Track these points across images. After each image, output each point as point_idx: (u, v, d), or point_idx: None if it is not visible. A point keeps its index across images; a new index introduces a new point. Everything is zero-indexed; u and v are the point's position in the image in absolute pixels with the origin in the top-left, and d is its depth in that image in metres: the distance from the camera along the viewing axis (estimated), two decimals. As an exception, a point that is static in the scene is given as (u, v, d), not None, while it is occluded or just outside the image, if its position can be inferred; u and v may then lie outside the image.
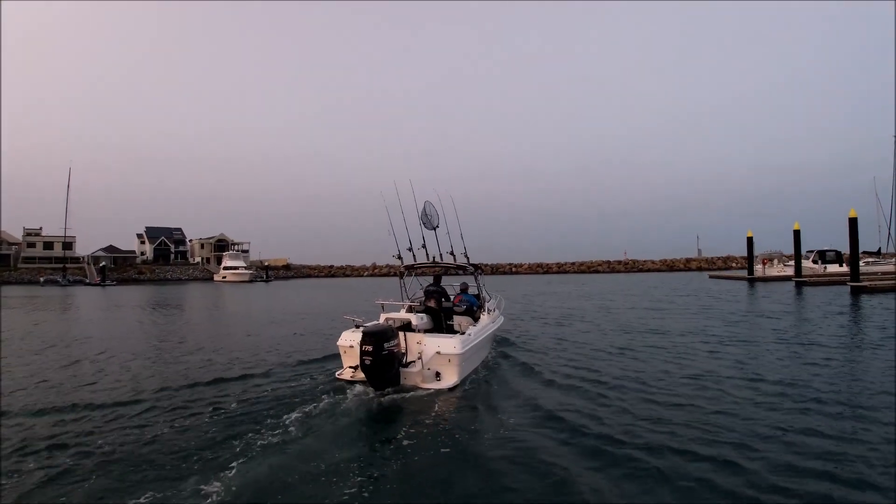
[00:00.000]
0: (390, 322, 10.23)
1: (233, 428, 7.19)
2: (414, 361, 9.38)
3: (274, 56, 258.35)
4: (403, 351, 9.40)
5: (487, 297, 13.23)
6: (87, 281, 79.34)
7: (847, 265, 46.65)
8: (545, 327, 17.74)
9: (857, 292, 28.47)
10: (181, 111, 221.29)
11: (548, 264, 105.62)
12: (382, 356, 8.59)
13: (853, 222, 29.24)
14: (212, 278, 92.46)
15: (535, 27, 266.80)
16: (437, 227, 12.49)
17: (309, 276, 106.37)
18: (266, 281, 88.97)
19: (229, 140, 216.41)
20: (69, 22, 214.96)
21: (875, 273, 37.05)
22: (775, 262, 51.33)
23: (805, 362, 10.92)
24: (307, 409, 7.92)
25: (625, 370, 10.60)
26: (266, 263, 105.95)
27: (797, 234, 37.73)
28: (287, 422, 7.37)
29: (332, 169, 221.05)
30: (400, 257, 12.26)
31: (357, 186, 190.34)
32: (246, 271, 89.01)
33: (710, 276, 59.11)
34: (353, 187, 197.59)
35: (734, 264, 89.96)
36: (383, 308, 11.40)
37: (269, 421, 7.45)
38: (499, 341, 13.91)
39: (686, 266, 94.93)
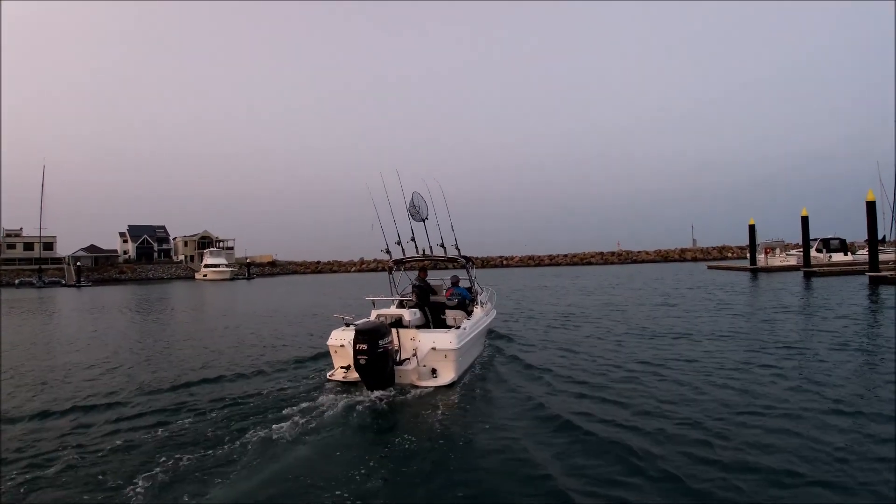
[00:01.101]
0: (382, 319, 9.70)
1: (219, 436, 6.68)
2: (408, 359, 9.06)
3: (262, 52, 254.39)
4: (397, 348, 9.06)
5: (479, 290, 12.69)
6: (64, 282, 77.09)
7: (852, 254, 45.22)
8: (545, 333, 15.19)
9: (876, 283, 26.47)
10: (167, 108, 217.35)
11: (539, 256, 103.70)
12: (377, 354, 8.22)
13: (871, 206, 27.12)
14: (194, 277, 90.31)
15: (531, 22, 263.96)
16: (426, 218, 12.08)
17: (295, 272, 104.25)
18: (248, 279, 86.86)
19: (218, 138, 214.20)
20: (46, 21, 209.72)
21: (887, 262, 35.09)
22: (777, 251, 49.48)
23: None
24: (299, 414, 7.43)
25: (663, 399, 8.04)
26: (248, 260, 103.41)
27: (805, 220, 35.62)
28: (278, 428, 6.86)
29: (321, 165, 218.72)
30: (388, 251, 11.91)
31: (346, 181, 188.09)
32: (227, 269, 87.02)
33: (709, 267, 57.32)
34: (341, 182, 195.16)
35: (730, 254, 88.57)
36: (374, 304, 10.79)
37: (258, 428, 6.91)
38: (492, 353, 12.48)
39: (681, 256, 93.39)
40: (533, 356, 11.47)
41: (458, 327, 9.83)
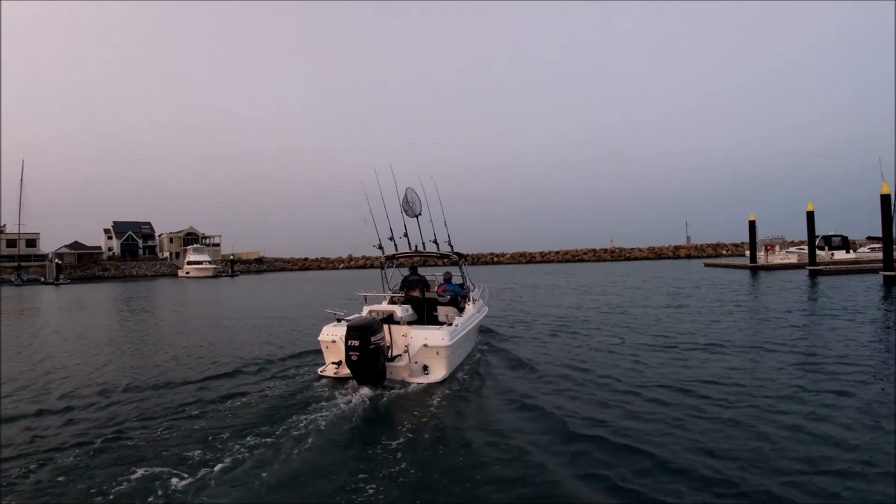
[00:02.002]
0: (373, 314, 9.81)
1: (211, 435, 6.58)
2: (400, 355, 9.02)
3: (257, 53, 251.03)
4: (388, 344, 9.01)
5: (471, 287, 12.75)
6: (44, 280, 75.04)
7: (854, 252, 44.08)
8: (546, 343, 13.13)
9: (891, 282, 25.12)
10: (162, 107, 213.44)
11: (531, 253, 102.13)
12: (370, 351, 8.17)
13: (885, 200, 25.69)
14: (177, 274, 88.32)
15: (527, 21, 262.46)
16: (420, 214, 11.99)
17: (283, 269, 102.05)
18: (231, 276, 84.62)
19: (209, 135, 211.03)
20: (35, 18, 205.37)
21: None
22: (777, 248, 48.21)
23: None
24: (292, 412, 7.42)
25: (720, 444, 6.17)
26: (231, 257, 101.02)
27: (811, 216, 34.25)
28: (272, 426, 6.83)
29: (317, 164, 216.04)
30: (381, 247, 11.93)
31: (341, 179, 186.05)
32: (210, 266, 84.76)
33: (706, 265, 55.95)
34: (336, 180, 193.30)
35: (725, 251, 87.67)
36: (366, 300, 11.00)
37: (250, 426, 6.86)
38: (484, 351, 12.16)
39: (675, 254, 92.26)
40: (530, 362, 10.58)
41: (450, 324, 9.78)
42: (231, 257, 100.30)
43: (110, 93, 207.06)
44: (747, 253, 48.84)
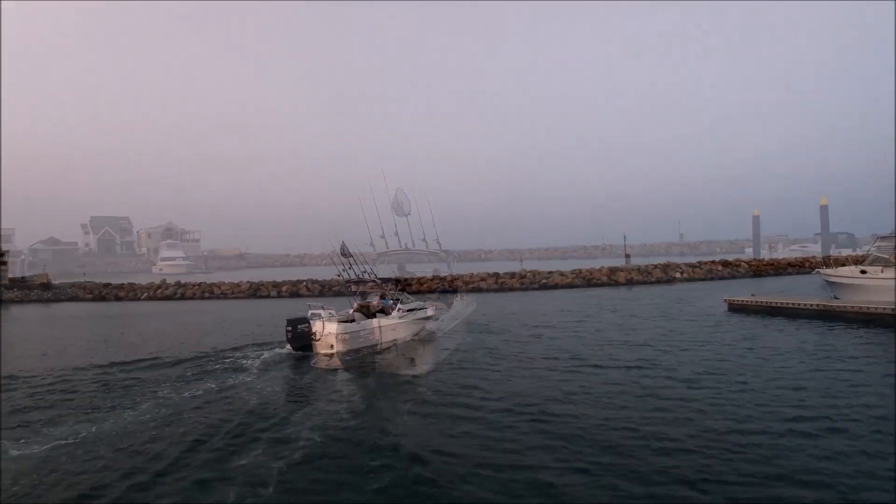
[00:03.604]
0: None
1: (205, 431, 6.77)
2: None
3: (253, 48, 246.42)
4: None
5: (461, 285, 13.98)
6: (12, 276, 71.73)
7: (859, 251, 42.16)
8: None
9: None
10: (159, 104, 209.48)
11: (521, 251, 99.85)
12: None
13: (914, 197, 23.57)
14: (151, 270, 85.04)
15: (525, 22, 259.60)
16: (409, 213, 12.79)
17: (263, 265, 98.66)
18: (205, 272, 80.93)
19: (201, 134, 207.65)
20: (24, 14, 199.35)
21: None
22: (780, 246, 46.25)
23: None
24: (283, 402, 7.96)
25: None
26: (206, 253, 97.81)
27: (824, 210, 32.16)
28: (264, 418, 7.22)
29: (313, 163, 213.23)
30: (373, 245, 12.93)
31: (333, 179, 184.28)
32: (184, 262, 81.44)
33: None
34: (329, 179, 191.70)
35: (718, 249, 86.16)
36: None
37: (243, 419, 7.26)
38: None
39: (667, 251, 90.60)
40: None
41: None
42: (205, 253, 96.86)
43: (113, 91, 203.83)
44: (746, 250, 47.03)
